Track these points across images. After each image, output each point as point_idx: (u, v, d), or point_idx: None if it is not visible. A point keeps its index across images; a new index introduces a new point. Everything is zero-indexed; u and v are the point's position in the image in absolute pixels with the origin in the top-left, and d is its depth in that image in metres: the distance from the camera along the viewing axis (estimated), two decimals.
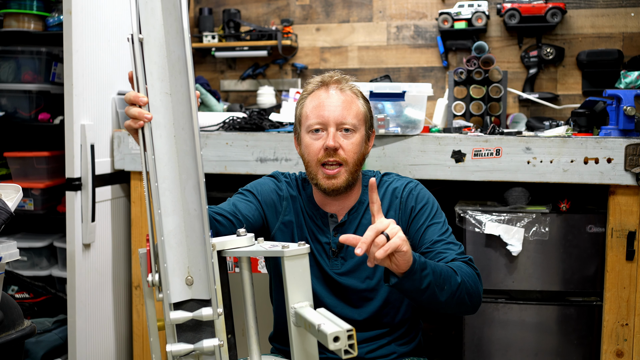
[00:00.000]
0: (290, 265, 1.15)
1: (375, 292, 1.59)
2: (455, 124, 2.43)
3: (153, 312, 1.23)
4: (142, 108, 1.11)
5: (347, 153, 1.54)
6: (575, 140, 2.00)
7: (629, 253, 1.99)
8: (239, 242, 1.20)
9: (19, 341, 1.76)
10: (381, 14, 2.92)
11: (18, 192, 1.67)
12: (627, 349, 2.01)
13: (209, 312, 1.12)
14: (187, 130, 1.12)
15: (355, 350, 1.01)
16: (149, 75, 1.12)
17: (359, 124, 1.57)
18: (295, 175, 1.72)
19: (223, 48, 2.96)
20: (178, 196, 1.13)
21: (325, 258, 1.61)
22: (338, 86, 1.58)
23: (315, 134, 1.55)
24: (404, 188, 1.62)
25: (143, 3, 1.11)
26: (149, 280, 1.13)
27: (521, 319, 2.11)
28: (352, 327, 1.02)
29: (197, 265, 1.14)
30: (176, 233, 1.13)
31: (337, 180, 1.53)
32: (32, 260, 2.63)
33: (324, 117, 1.54)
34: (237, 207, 1.59)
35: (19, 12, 2.45)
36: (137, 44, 1.10)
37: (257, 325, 1.24)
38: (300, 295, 1.15)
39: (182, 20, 1.09)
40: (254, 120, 2.32)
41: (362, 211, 1.62)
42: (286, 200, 1.65)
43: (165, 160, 1.13)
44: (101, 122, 2.35)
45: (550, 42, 2.72)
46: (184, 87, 1.12)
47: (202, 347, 1.14)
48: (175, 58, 1.12)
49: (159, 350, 1.23)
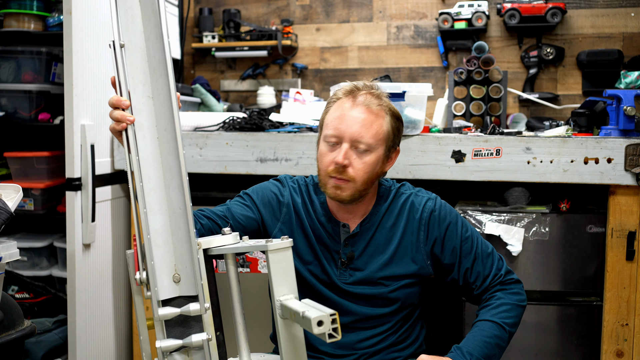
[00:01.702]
0: (274, 258, 1.16)
1: (386, 301, 1.57)
2: (455, 124, 2.43)
3: (142, 310, 1.27)
4: (124, 111, 1.15)
5: (357, 172, 1.48)
6: (575, 140, 2.00)
7: (629, 253, 1.99)
8: (224, 240, 1.24)
9: (19, 341, 1.76)
10: (381, 14, 2.92)
11: (18, 192, 1.67)
12: (627, 349, 2.01)
13: (196, 307, 1.16)
14: (170, 132, 1.17)
15: (338, 334, 1.03)
16: (131, 80, 1.17)
17: (376, 144, 1.49)
18: (305, 180, 1.67)
19: (223, 48, 2.97)
20: (163, 195, 1.18)
21: (333, 267, 1.58)
22: (365, 100, 1.50)
23: (329, 145, 1.50)
24: (423, 207, 1.58)
25: (123, 10, 1.16)
26: (136, 278, 1.17)
27: (521, 319, 2.11)
28: (335, 312, 1.04)
29: (184, 263, 1.18)
30: (162, 232, 1.17)
31: (342, 193, 1.49)
32: (32, 260, 2.63)
33: (341, 130, 1.48)
34: (231, 210, 1.58)
35: (19, 12, 2.45)
36: (118, 49, 1.15)
37: (245, 323, 1.26)
38: (285, 288, 1.17)
39: (162, 26, 1.14)
40: (254, 120, 2.33)
41: (376, 223, 1.58)
42: (286, 206, 1.61)
43: (150, 161, 1.17)
44: (101, 122, 2.35)
45: (550, 42, 2.72)
46: (165, 90, 1.17)
47: (191, 341, 1.17)
48: (155, 62, 1.17)
49: (148, 347, 1.26)
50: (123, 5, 1.16)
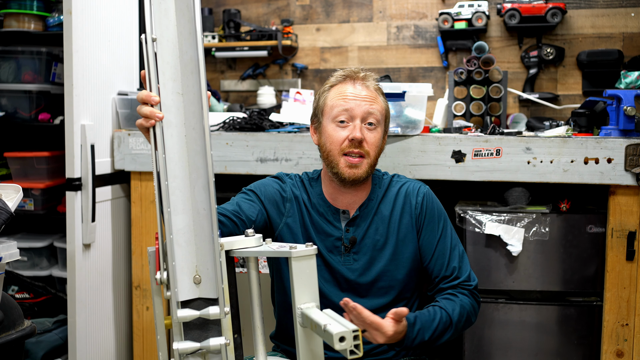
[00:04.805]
0: (298, 266, 1.15)
1: (390, 289, 1.62)
2: (455, 124, 2.43)
3: (161, 310, 1.23)
4: (153, 107, 1.12)
5: (370, 146, 1.59)
6: (575, 140, 2.00)
7: (629, 253, 1.99)
8: (247, 243, 1.22)
9: (19, 341, 1.76)
10: (381, 14, 2.92)
11: (18, 192, 1.67)
12: (627, 349, 2.01)
13: (215, 310, 1.13)
14: (198, 130, 1.13)
15: (360, 351, 1.02)
16: (162, 75, 1.13)
17: (381, 118, 1.62)
18: (300, 176, 1.73)
19: (223, 48, 2.96)
20: (188, 195, 1.14)
21: (336, 254, 1.62)
22: (364, 82, 1.62)
23: (340, 124, 1.59)
24: (416, 193, 1.67)
25: (157, 3, 1.12)
26: (157, 278, 1.14)
27: (521, 319, 2.11)
28: (358, 328, 1.02)
29: (205, 264, 1.15)
30: (185, 232, 1.14)
31: (359, 170, 1.57)
32: (32, 260, 2.63)
33: (352, 108, 1.58)
34: (241, 207, 1.60)
35: (19, 12, 2.45)
36: (150, 43, 1.11)
37: (263, 325, 1.25)
38: (307, 296, 1.15)
39: (195, 21, 1.10)
40: (254, 121, 2.33)
41: (374, 207, 1.65)
42: (289, 202, 1.66)
43: (176, 160, 1.14)
44: (101, 122, 2.35)
45: (551, 42, 2.72)
46: (195, 88, 1.13)
47: (209, 345, 1.14)
48: (187, 58, 1.13)
49: (165, 348, 1.24)
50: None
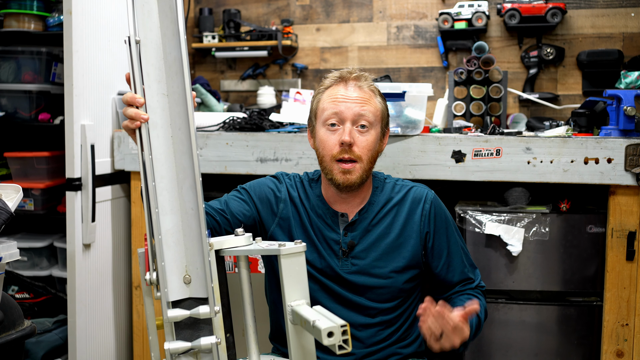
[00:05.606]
0: (287, 263, 1.15)
1: (389, 294, 1.60)
2: (455, 124, 2.43)
3: (152, 311, 1.24)
4: (139, 109, 1.12)
5: (361, 150, 1.54)
6: (575, 140, 2.00)
7: (629, 253, 1.99)
8: (237, 242, 1.22)
9: (19, 341, 1.76)
10: (381, 14, 2.92)
11: (18, 192, 1.67)
12: (628, 349, 2.01)
13: (206, 310, 1.14)
14: (184, 131, 1.15)
15: (349, 346, 1.02)
16: (146, 77, 1.14)
17: (375, 121, 1.57)
18: (300, 176, 1.71)
19: (223, 48, 2.96)
20: (175, 195, 1.15)
21: (334, 258, 1.60)
22: (357, 83, 1.58)
23: (331, 128, 1.55)
24: (424, 199, 1.64)
25: (140, 6, 1.13)
26: (147, 278, 1.15)
27: (521, 319, 2.11)
28: (346, 323, 1.02)
29: (195, 264, 1.15)
30: (174, 232, 1.15)
31: (352, 176, 1.54)
32: (32, 260, 2.63)
33: (341, 110, 1.54)
34: (228, 205, 1.60)
35: (19, 12, 2.45)
36: (134, 45, 1.12)
37: (255, 325, 1.24)
38: (297, 294, 1.15)
39: (178, 22, 1.11)
40: (254, 121, 2.33)
41: (374, 212, 1.62)
42: (283, 202, 1.64)
43: (163, 160, 1.15)
44: (101, 122, 2.35)
45: (551, 42, 2.72)
46: (180, 88, 1.14)
47: (200, 344, 1.15)
48: (171, 59, 1.14)
49: (157, 348, 1.24)
50: (140, 1, 1.13)
